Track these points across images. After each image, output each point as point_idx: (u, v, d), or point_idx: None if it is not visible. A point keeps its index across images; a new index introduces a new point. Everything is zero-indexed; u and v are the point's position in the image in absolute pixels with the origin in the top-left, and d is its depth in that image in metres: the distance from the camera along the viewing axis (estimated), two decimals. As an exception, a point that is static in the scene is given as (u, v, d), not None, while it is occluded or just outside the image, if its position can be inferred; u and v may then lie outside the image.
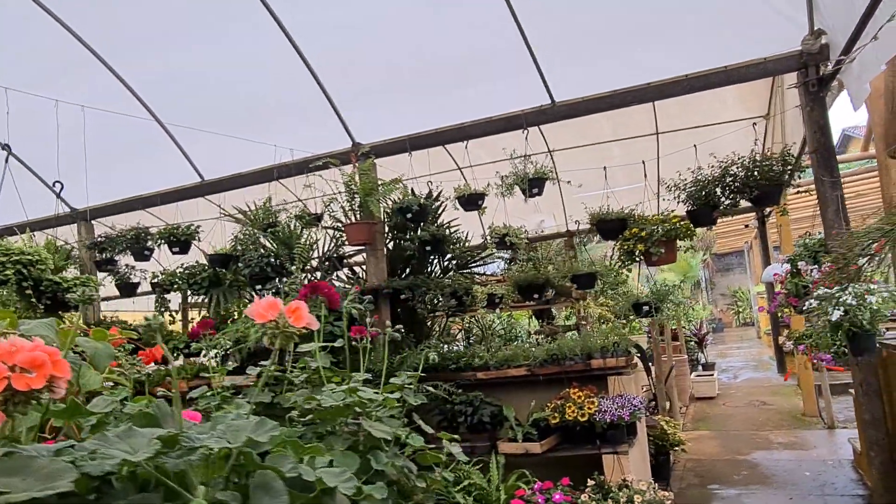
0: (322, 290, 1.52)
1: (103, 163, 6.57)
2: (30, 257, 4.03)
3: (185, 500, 0.88)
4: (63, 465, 0.82)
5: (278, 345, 0.99)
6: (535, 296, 5.78)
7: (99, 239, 6.90)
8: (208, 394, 1.73)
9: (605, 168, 6.42)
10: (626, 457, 4.50)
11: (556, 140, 7.29)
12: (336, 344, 1.95)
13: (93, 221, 7.33)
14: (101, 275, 7.17)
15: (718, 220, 5.62)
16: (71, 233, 7.28)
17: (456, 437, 2.58)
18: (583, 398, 4.71)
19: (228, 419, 0.94)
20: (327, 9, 5.30)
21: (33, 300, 3.94)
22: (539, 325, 10.33)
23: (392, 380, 1.81)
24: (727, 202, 5.21)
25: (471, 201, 5.62)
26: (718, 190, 5.20)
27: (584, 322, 9.16)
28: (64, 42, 5.58)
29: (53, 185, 5.60)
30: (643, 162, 6.81)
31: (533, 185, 5.33)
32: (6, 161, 5.29)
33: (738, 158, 5.16)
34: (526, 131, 5.48)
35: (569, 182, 5.72)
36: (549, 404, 4.87)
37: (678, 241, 5.34)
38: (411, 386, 1.87)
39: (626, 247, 5.10)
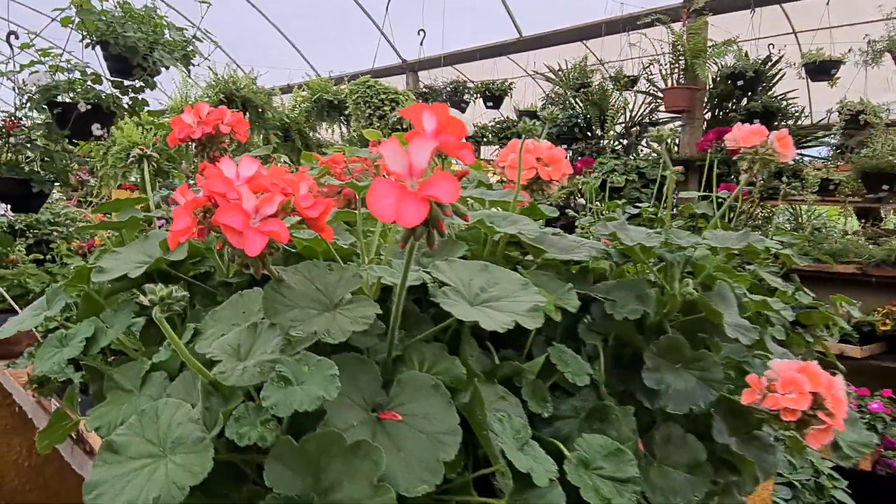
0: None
1: (426, 17, 7.02)
2: (401, 97, 4.69)
3: (665, 292, 0.99)
4: (570, 242, 0.97)
5: (756, 169, 1.00)
6: (885, 187, 4.92)
7: (424, 90, 7.58)
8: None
9: None
10: (978, 384, 3.85)
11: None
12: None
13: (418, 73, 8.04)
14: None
15: None
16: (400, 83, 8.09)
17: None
18: (932, 310, 4.07)
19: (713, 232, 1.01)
20: None
21: (401, 136, 4.57)
22: (859, 226, 8.94)
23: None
24: None
25: (822, 69, 4.85)
26: None
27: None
28: None
29: (418, 32, 6.26)
30: None
31: (914, 52, 4.37)
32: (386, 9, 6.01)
33: None
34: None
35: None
36: (879, 309, 4.34)
37: None
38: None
39: None
